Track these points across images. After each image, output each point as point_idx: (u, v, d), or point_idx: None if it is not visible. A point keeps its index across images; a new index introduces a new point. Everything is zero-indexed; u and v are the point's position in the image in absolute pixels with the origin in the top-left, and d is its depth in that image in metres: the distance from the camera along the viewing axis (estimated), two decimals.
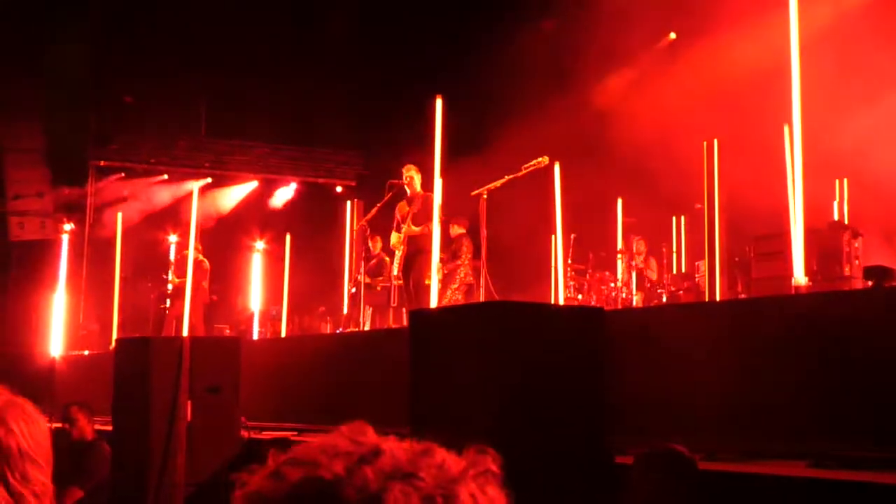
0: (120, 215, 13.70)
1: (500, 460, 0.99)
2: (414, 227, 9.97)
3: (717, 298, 8.38)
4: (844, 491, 3.70)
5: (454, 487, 0.93)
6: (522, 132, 11.85)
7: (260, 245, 13.87)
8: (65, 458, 7.16)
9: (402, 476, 0.92)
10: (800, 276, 6.94)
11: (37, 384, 10.62)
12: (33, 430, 1.66)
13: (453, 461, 0.96)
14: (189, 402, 6.13)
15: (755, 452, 4.42)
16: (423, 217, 9.65)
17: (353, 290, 12.75)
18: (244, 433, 6.58)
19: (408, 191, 10.18)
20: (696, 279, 10.23)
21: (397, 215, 10.25)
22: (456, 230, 11.02)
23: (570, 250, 10.99)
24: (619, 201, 11.22)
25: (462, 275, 10.74)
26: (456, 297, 10.49)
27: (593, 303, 10.33)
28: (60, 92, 15.64)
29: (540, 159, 9.01)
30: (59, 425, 7.28)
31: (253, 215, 16.47)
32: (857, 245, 8.04)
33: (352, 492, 0.90)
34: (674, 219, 11.35)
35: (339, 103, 16.03)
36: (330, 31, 15.20)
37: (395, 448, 0.96)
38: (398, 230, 10.20)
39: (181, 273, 12.53)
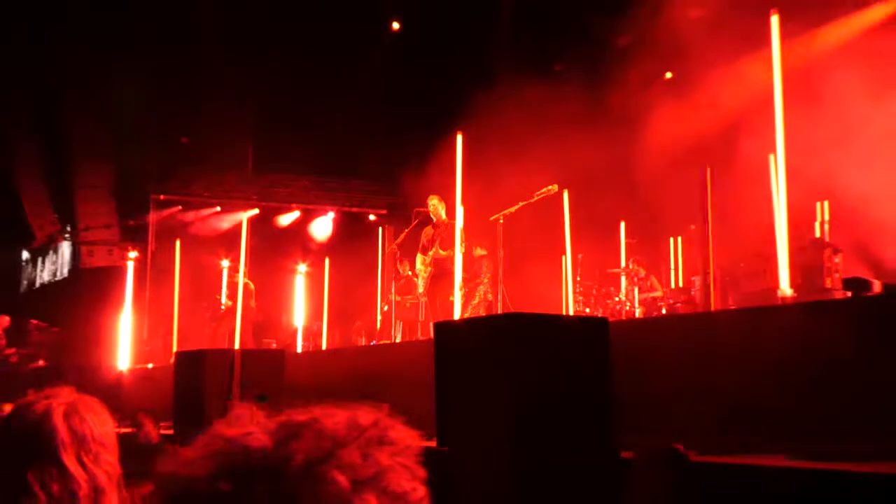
0: (178, 243, 13.84)
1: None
2: (441, 252, 10.05)
3: (712, 310, 8.36)
4: (825, 481, 3.69)
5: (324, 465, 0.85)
6: (536, 163, 11.90)
7: (302, 268, 13.95)
8: (134, 459, 7.24)
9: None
10: (786, 289, 6.92)
11: (106, 395, 10.72)
12: (102, 421, 1.73)
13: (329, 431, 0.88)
14: None
15: (745, 447, 4.41)
16: (450, 242, 9.72)
17: (386, 307, 12.80)
18: None
19: (433, 218, 10.27)
20: (693, 293, 10.18)
21: (423, 240, 10.33)
22: (478, 252, 11.04)
23: (578, 268, 10.99)
24: (622, 224, 11.22)
25: (482, 292, 10.75)
26: (477, 311, 10.50)
27: (599, 315, 10.31)
28: (125, 134, 15.87)
29: (550, 187, 9.05)
30: (128, 430, 7.36)
31: (296, 241, 16.58)
32: (837, 260, 8.00)
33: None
34: (671, 239, 11.32)
35: (370, 139, 16.16)
36: (361, 77, 15.38)
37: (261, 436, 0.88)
38: (423, 253, 10.29)
39: (232, 295, 12.65)
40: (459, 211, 8.97)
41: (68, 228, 17.73)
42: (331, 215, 17.63)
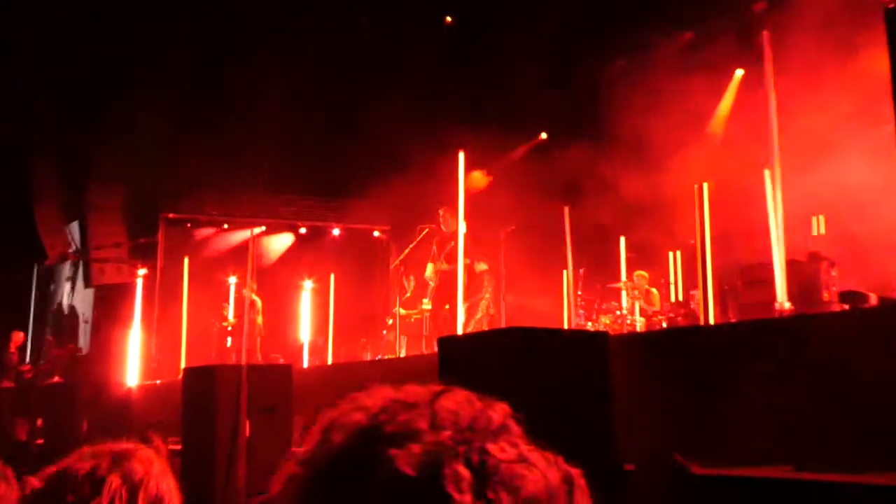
0: (186, 260, 13.83)
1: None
2: (445, 265, 10.03)
3: (712, 323, 8.31)
4: (826, 491, 3.65)
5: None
6: (539, 177, 11.90)
7: (308, 284, 13.91)
8: None
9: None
10: (784, 301, 6.89)
11: (116, 410, 10.69)
12: (164, 472, 1.80)
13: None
14: (248, 421, 6.15)
15: (745, 459, 4.36)
16: (454, 256, 9.69)
17: (391, 321, 12.77)
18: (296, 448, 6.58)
19: (444, 228, 10.26)
20: (692, 306, 10.13)
21: (434, 249, 10.31)
22: (480, 267, 11.00)
23: (580, 283, 10.94)
24: (622, 239, 11.18)
25: (484, 306, 10.70)
26: (480, 325, 10.45)
27: (601, 329, 10.25)
28: (137, 156, 15.89)
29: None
30: None
31: (302, 258, 16.53)
32: (833, 273, 7.94)
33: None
34: (670, 254, 11.27)
35: (376, 159, 16.17)
36: (365, 111, 15.43)
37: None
38: (434, 261, 10.27)
39: (239, 311, 12.64)
40: (462, 226, 8.96)
41: (79, 246, 17.75)
42: (336, 231, 17.59)
